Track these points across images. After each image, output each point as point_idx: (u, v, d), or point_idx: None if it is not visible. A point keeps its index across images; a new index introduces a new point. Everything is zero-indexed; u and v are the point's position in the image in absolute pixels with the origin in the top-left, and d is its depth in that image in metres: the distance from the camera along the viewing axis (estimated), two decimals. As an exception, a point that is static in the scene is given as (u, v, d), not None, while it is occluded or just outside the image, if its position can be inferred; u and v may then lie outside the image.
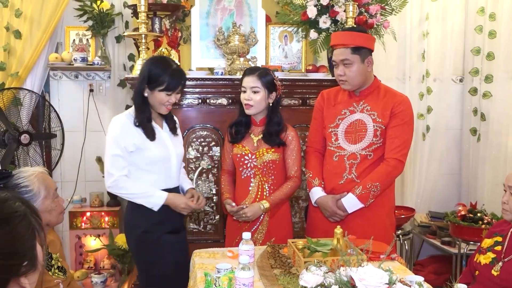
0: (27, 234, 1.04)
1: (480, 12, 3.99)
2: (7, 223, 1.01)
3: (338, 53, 2.48)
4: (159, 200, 2.36)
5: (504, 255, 2.14)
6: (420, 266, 3.97)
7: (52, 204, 1.92)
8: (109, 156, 2.35)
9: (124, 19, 3.98)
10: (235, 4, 3.49)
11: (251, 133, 2.62)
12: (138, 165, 2.38)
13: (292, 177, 2.60)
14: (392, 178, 2.52)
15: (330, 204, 2.49)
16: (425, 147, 4.15)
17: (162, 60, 2.42)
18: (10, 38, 3.70)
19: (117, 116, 2.43)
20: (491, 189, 3.96)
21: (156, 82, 2.32)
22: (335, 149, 2.55)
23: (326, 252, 2.02)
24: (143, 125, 2.37)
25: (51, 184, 1.94)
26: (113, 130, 2.37)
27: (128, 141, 2.34)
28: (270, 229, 2.60)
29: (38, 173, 1.90)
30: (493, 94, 3.98)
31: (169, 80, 2.32)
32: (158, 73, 2.32)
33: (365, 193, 2.43)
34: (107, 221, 3.93)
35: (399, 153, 2.45)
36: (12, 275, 1.01)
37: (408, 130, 2.49)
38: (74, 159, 4.05)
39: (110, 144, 2.35)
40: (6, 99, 3.47)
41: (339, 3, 3.16)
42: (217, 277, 1.84)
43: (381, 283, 1.45)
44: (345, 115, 2.55)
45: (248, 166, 2.59)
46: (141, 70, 2.42)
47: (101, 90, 4.12)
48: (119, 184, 2.35)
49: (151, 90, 2.35)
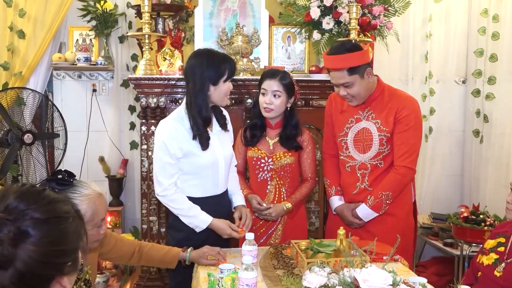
0: (75, 236, 1.08)
1: (483, 14, 3.99)
2: (60, 222, 1.04)
3: (336, 77, 2.40)
4: (202, 224, 2.27)
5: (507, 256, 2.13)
6: (422, 267, 3.96)
7: (91, 232, 1.79)
8: (159, 163, 2.26)
9: (128, 19, 3.99)
10: (239, 5, 3.50)
11: (266, 136, 2.62)
12: (183, 170, 2.29)
13: (308, 179, 2.64)
14: (403, 185, 2.50)
15: (346, 213, 2.53)
16: (428, 149, 4.14)
17: (210, 51, 2.29)
18: (13, 38, 3.71)
19: (164, 120, 2.31)
20: (494, 191, 3.96)
21: (217, 74, 2.20)
22: (346, 159, 2.56)
23: (329, 253, 2.03)
24: (200, 134, 2.24)
25: (100, 212, 1.83)
26: (161, 136, 2.25)
27: (176, 148, 2.23)
28: (286, 233, 2.61)
29: (94, 195, 1.80)
30: (496, 95, 3.97)
31: (227, 66, 2.22)
32: (216, 65, 2.20)
33: (377, 203, 2.44)
34: (110, 221, 3.93)
35: (406, 160, 2.43)
36: (58, 272, 1.04)
37: (415, 134, 2.46)
38: (77, 159, 4.05)
39: (159, 151, 2.25)
40: (9, 99, 3.48)
41: (343, 4, 3.16)
42: (220, 277, 1.85)
43: (385, 284, 1.45)
44: (352, 123, 2.54)
45: (264, 169, 2.59)
46: (192, 67, 2.23)
47: (104, 90, 4.12)
48: (168, 196, 2.26)
49: (215, 85, 2.22)
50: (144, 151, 3.22)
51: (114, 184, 4.02)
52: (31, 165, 3.58)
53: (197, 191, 2.31)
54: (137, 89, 3.18)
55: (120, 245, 2.13)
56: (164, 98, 3.16)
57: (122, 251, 2.15)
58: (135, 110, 4.08)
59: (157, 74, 3.19)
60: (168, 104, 3.19)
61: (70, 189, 1.78)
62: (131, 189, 4.15)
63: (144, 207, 3.28)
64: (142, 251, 2.18)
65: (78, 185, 1.81)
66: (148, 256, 2.19)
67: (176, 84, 3.17)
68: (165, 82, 3.15)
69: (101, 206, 1.84)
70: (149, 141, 3.19)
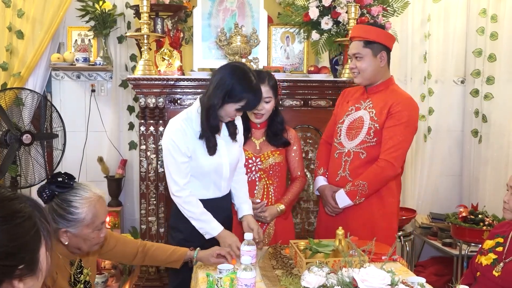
0: (28, 236, 0.99)
1: (482, 14, 4.00)
2: (6, 221, 0.97)
3: (351, 47, 2.53)
4: (213, 231, 2.24)
5: (505, 256, 2.14)
6: (421, 267, 3.97)
7: (91, 234, 1.80)
8: (172, 162, 2.23)
9: (126, 19, 3.98)
10: (237, 5, 3.50)
11: (252, 137, 2.61)
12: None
13: (298, 178, 2.64)
14: (381, 179, 2.46)
15: (327, 192, 2.56)
16: (427, 149, 4.15)
17: (246, 76, 2.17)
18: (12, 38, 3.71)
19: (174, 120, 2.28)
20: (493, 191, 3.96)
21: (234, 98, 2.14)
22: (337, 146, 2.59)
23: (328, 253, 2.03)
24: (207, 137, 2.22)
25: (100, 215, 1.82)
26: (171, 135, 2.23)
27: (185, 146, 2.21)
28: (277, 233, 2.60)
29: (94, 198, 1.80)
30: (495, 95, 3.98)
31: (247, 101, 2.16)
32: (239, 89, 2.13)
33: (352, 190, 2.45)
34: (109, 221, 3.93)
35: (390, 155, 2.42)
36: (4, 276, 0.96)
37: (405, 132, 2.44)
38: (75, 159, 4.05)
39: (171, 150, 2.22)
40: (8, 99, 3.48)
41: (341, 4, 3.16)
42: (219, 277, 1.85)
43: (384, 284, 1.45)
44: (351, 111, 2.57)
45: (252, 169, 2.57)
46: (221, 79, 2.17)
47: (103, 91, 4.12)
48: (184, 197, 2.25)
49: (224, 102, 2.16)
50: (143, 151, 3.21)
51: (113, 184, 4.01)
52: (30, 165, 3.58)
53: (199, 193, 2.30)
54: (136, 90, 3.18)
55: (121, 245, 2.12)
56: (162, 98, 3.16)
57: (124, 251, 2.14)
58: (134, 111, 4.08)
59: (156, 74, 3.19)
60: (167, 104, 3.18)
61: (70, 192, 1.78)
62: (130, 189, 4.15)
63: (143, 207, 3.28)
64: (147, 251, 2.17)
65: (79, 188, 1.81)
66: (153, 256, 2.17)
67: (175, 84, 3.17)
68: (164, 82, 3.14)
69: (102, 209, 1.84)
70: (148, 142, 3.18)
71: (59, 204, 1.76)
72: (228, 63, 2.33)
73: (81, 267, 1.94)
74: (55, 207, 1.76)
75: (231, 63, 2.33)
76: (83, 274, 1.94)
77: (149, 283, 3.33)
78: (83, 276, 1.94)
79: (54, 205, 1.77)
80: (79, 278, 1.93)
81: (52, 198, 1.78)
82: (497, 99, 3.97)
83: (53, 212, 1.76)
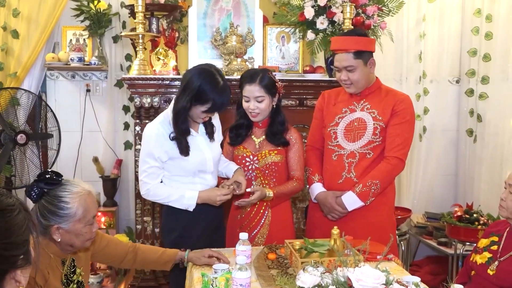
0: (24, 227, 1.07)
1: (477, 14, 4.00)
2: (4, 214, 1.03)
3: (340, 59, 2.45)
4: (191, 201, 2.31)
5: (500, 255, 2.15)
6: (416, 266, 3.98)
7: (83, 229, 1.80)
8: (144, 166, 2.30)
9: (121, 19, 3.98)
10: (233, 5, 3.49)
11: (252, 135, 2.58)
12: (171, 172, 2.34)
13: (296, 179, 2.56)
14: (392, 177, 2.52)
15: (330, 200, 2.48)
16: (422, 148, 4.16)
17: (212, 77, 2.21)
18: (7, 38, 3.70)
19: (151, 124, 2.33)
20: (488, 190, 3.97)
21: (200, 100, 2.19)
22: (334, 148, 2.54)
23: (323, 253, 2.03)
24: (178, 140, 2.26)
25: (91, 209, 1.82)
26: (147, 139, 2.29)
27: (162, 152, 2.27)
28: (272, 233, 2.55)
29: (84, 192, 1.80)
30: (490, 95, 3.99)
31: (214, 102, 2.19)
32: (205, 91, 2.17)
33: (365, 190, 2.42)
34: (104, 221, 3.92)
35: (399, 152, 2.44)
36: (10, 266, 1.03)
37: (409, 129, 2.49)
38: (70, 159, 4.04)
39: (144, 154, 2.29)
40: (3, 99, 3.47)
41: (337, 4, 3.17)
42: (214, 277, 1.84)
43: (378, 283, 1.45)
44: (346, 113, 2.55)
45: (249, 168, 2.55)
46: (188, 81, 2.21)
47: (98, 90, 4.11)
48: (151, 192, 2.32)
49: (192, 105, 2.21)
50: (138, 151, 3.19)
51: (108, 184, 4.01)
52: (25, 165, 3.57)
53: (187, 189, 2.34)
54: (131, 89, 3.17)
55: (112, 246, 2.12)
56: (158, 98, 3.15)
57: (115, 252, 2.14)
58: (129, 110, 4.07)
59: (151, 74, 3.19)
60: (162, 104, 3.18)
61: (59, 188, 1.78)
62: (125, 189, 4.14)
63: (139, 207, 3.27)
64: (137, 252, 2.17)
65: (68, 184, 1.81)
66: (142, 258, 2.18)
67: (170, 84, 3.16)
68: (159, 82, 3.14)
69: (92, 203, 1.85)
70: (143, 141, 3.17)
71: (49, 201, 1.75)
72: (196, 65, 2.32)
73: (74, 267, 1.93)
74: (46, 204, 1.75)
75: (199, 65, 2.31)
76: (76, 274, 1.93)
77: (144, 283, 3.33)
78: (76, 276, 1.93)
79: (45, 202, 1.76)
80: (72, 278, 1.92)
81: (41, 196, 1.76)
82: (492, 99, 3.98)
83: (44, 210, 1.75)
